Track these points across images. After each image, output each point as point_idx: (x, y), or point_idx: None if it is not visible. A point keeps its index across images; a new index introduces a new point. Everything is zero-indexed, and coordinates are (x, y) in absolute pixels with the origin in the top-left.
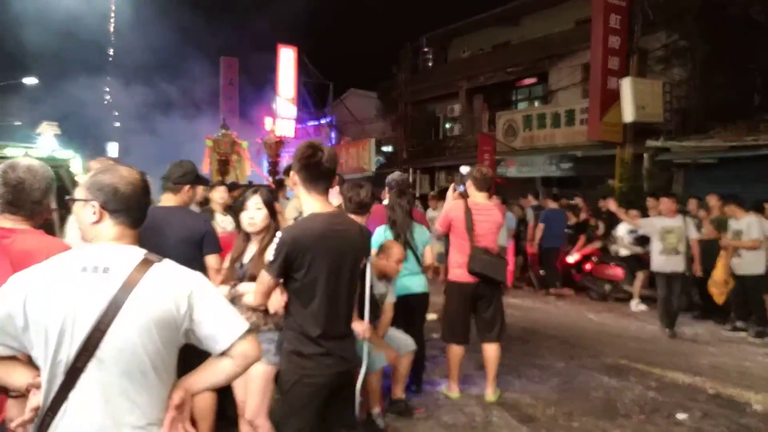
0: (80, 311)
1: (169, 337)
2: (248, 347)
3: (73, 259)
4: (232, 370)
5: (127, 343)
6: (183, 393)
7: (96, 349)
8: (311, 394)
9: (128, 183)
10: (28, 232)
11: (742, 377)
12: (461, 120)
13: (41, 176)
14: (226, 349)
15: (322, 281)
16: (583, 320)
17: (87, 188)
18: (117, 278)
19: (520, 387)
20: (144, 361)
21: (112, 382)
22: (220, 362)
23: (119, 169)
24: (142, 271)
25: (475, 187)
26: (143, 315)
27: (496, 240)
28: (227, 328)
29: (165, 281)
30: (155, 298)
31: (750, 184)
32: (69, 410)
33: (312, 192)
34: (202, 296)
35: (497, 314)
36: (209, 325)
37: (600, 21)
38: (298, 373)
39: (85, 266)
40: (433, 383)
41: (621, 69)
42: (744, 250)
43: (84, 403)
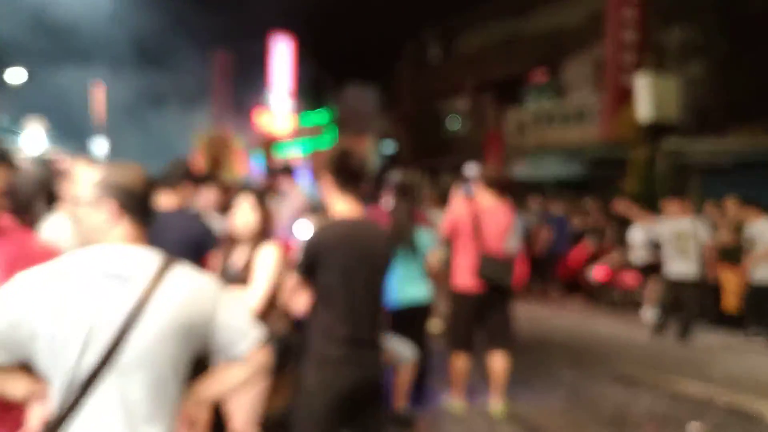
0: (103, 319)
1: (188, 343)
2: (263, 355)
3: (92, 264)
4: (245, 377)
5: (148, 351)
6: (196, 404)
7: (116, 358)
8: (332, 398)
9: (143, 182)
10: (21, 233)
11: (755, 387)
12: (467, 117)
13: (31, 176)
14: (244, 355)
15: (344, 284)
16: (593, 329)
17: (101, 187)
18: (139, 284)
19: (527, 397)
20: (165, 369)
21: (132, 391)
22: (233, 369)
23: (127, 167)
24: (163, 277)
25: (482, 188)
26: (165, 322)
27: (503, 244)
28: (247, 335)
29: (186, 286)
30: (178, 304)
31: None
32: (85, 419)
33: (344, 195)
34: (224, 300)
35: (505, 323)
36: (231, 330)
37: (615, 15)
38: (320, 376)
39: (107, 272)
40: (437, 394)
41: (636, 65)
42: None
43: (102, 411)
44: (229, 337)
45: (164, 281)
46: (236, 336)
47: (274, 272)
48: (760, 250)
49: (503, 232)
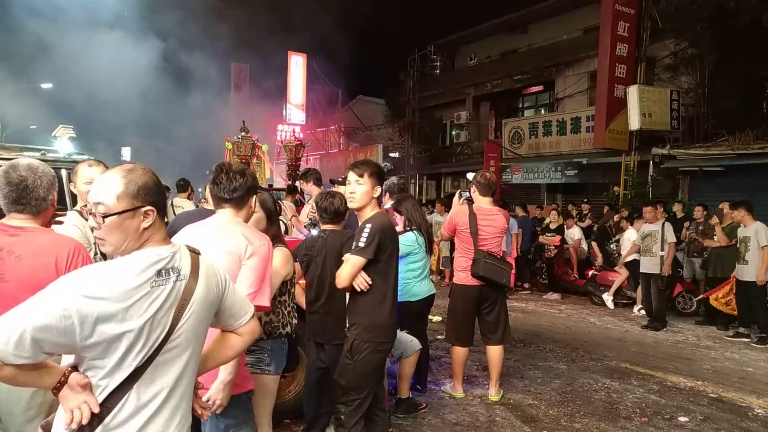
0: (158, 316)
1: (209, 319)
2: (255, 324)
3: (147, 264)
4: (240, 345)
5: (192, 333)
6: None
7: (163, 348)
8: (381, 359)
9: (159, 181)
10: (39, 231)
11: (743, 382)
12: (468, 127)
13: (42, 173)
14: (241, 325)
15: (394, 262)
16: (586, 324)
17: (133, 195)
18: (184, 278)
19: (523, 388)
20: (197, 348)
21: (176, 372)
22: (230, 339)
23: (138, 168)
24: (198, 267)
25: (479, 192)
26: (204, 304)
27: (500, 244)
28: (244, 308)
29: (210, 272)
30: (209, 286)
31: (756, 192)
32: (127, 407)
33: (379, 201)
34: (229, 279)
35: (501, 317)
36: (234, 304)
37: (608, 28)
38: (376, 341)
39: (160, 270)
40: (438, 383)
41: (628, 77)
42: (750, 257)
43: (147, 397)
44: (234, 312)
45: (199, 271)
46: (239, 310)
47: (279, 272)
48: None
49: (499, 233)
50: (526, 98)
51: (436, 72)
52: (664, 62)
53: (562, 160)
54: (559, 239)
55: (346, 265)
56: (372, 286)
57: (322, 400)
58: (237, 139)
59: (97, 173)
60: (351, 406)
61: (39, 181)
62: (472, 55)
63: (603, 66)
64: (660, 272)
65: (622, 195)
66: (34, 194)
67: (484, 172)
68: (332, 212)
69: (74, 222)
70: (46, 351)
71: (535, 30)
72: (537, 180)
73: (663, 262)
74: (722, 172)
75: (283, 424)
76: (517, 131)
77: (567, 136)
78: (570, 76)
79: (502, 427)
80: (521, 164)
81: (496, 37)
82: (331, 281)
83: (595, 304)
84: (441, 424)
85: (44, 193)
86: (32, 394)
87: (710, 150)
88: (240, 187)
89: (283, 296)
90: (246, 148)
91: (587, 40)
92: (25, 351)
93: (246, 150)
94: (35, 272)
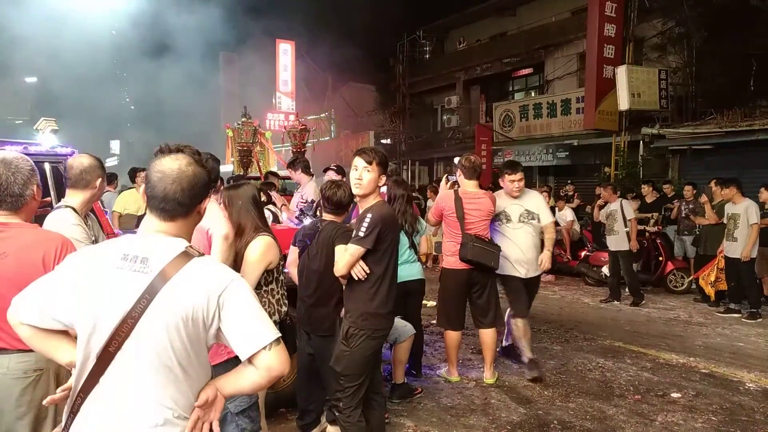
0: (115, 299)
1: (195, 335)
2: (272, 359)
3: (116, 247)
4: (256, 380)
5: (153, 336)
6: (211, 392)
7: (126, 339)
8: (377, 345)
9: (158, 171)
10: (25, 227)
11: (734, 357)
12: (459, 111)
13: (16, 168)
14: (249, 357)
15: (393, 252)
16: (579, 305)
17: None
18: (153, 269)
19: (518, 370)
20: (170, 355)
21: (140, 373)
22: (246, 370)
23: (166, 157)
24: (178, 265)
25: (464, 176)
26: (171, 310)
27: (487, 227)
28: (253, 336)
29: (198, 277)
30: (185, 293)
31: (745, 169)
32: (99, 395)
33: (377, 188)
34: (234, 297)
35: (491, 301)
36: (235, 329)
37: (596, 9)
38: (371, 328)
39: (126, 254)
40: (433, 367)
41: (617, 57)
42: (739, 234)
43: (113, 390)
44: (235, 336)
45: (180, 270)
46: (241, 335)
47: (257, 264)
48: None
49: (485, 217)
50: (516, 81)
51: (426, 57)
52: (652, 42)
53: (553, 143)
54: None
55: (344, 254)
56: (369, 275)
57: (313, 386)
58: (237, 125)
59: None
60: (347, 392)
61: (12, 177)
62: (462, 39)
63: (591, 47)
64: (627, 248)
65: (614, 175)
66: (8, 191)
67: (469, 155)
68: (335, 203)
69: (72, 221)
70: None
71: (524, 12)
72: (528, 163)
73: (629, 238)
74: (711, 150)
75: (279, 413)
76: (508, 114)
77: (557, 118)
78: (559, 58)
79: (498, 409)
80: (512, 147)
81: (485, 20)
82: (321, 273)
83: (588, 284)
84: (437, 408)
85: (19, 189)
86: (22, 391)
87: (699, 129)
88: None
89: (270, 284)
90: (247, 135)
91: (576, 21)
92: (34, 314)
93: (247, 137)
94: (22, 269)
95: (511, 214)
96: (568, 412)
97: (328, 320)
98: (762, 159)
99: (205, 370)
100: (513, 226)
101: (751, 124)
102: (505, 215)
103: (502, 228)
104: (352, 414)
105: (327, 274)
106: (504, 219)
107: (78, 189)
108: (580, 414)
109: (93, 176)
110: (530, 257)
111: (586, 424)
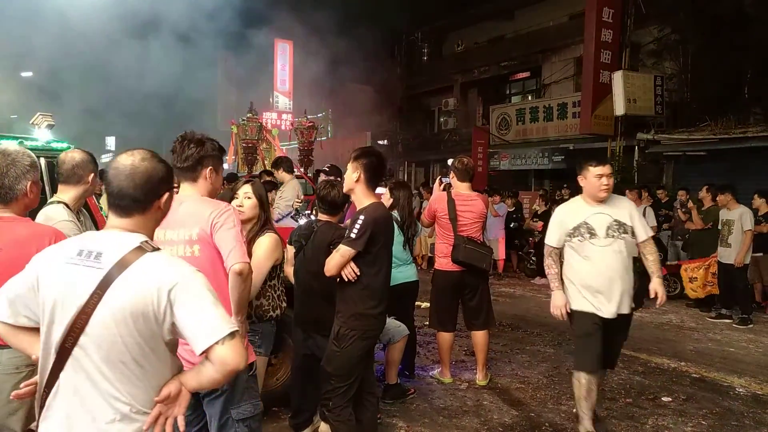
0: (69, 294)
1: (148, 330)
2: (227, 353)
3: (73, 242)
4: (212, 375)
5: (105, 331)
6: (174, 387)
7: (81, 333)
8: (368, 346)
9: (113, 167)
10: (17, 221)
11: (725, 362)
12: (456, 113)
13: (13, 161)
14: (203, 352)
15: (385, 253)
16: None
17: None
18: (106, 264)
19: (511, 372)
20: (122, 351)
21: (95, 368)
22: (204, 365)
23: (123, 154)
24: (131, 260)
25: (457, 178)
26: (121, 304)
27: (480, 229)
28: (205, 330)
29: (150, 272)
30: (135, 288)
31: (738, 176)
32: (60, 390)
33: (371, 188)
34: (186, 292)
35: (483, 302)
36: (188, 324)
37: (593, 15)
38: (362, 329)
39: (81, 249)
40: (426, 369)
41: (613, 63)
42: (733, 240)
43: (74, 384)
44: (188, 331)
45: (132, 264)
46: (194, 330)
47: (266, 260)
48: (744, 234)
49: (478, 218)
50: (514, 84)
51: (424, 59)
52: (648, 48)
53: (549, 146)
54: (541, 225)
55: (335, 254)
56: (360, 276)
57: (308, 386)
58: (242, 121)
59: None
60: (338, 392)
61: (6, 169)
62: (460, 41)
63: (588, 52)
64: None
65: None
66: (2, 182)
67: (462, 157)
68: (328, 202)
69: (63, 217)
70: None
71: (522, 16)
72: (524, 166)
73: None
74: (705, 157)
75: (271, 412)
76: (505, 117)
77: (554, 122)
78: (556, 62)
79: (490, 410)
80: (509, 150)
81: (483, 23)
82: (313, 274)
83: None
84: (429, 409)
85: (9, 182)
86: (14, 386)
87: (693, 135)
88: (191, 156)
89: (273, 280)
90: (252, 131)
91: (573, 26)
92: (6, 311)
93: (252, 133)
94: (15, 263)
95: (596, 226)
96: (559, 415)
97: (331, 321)
98: (755, 166)
99: (166, 365)
100: (599, 242)
101: (745, 131)
102: (587, 228)
103: (582, 246)
104: (342, 413)
105: (325, 277)
106: (586, 233)
107: (70, 184)
108: (572, 417)
109: (85, 171)
110: (620, 287)
111: (577, 427)
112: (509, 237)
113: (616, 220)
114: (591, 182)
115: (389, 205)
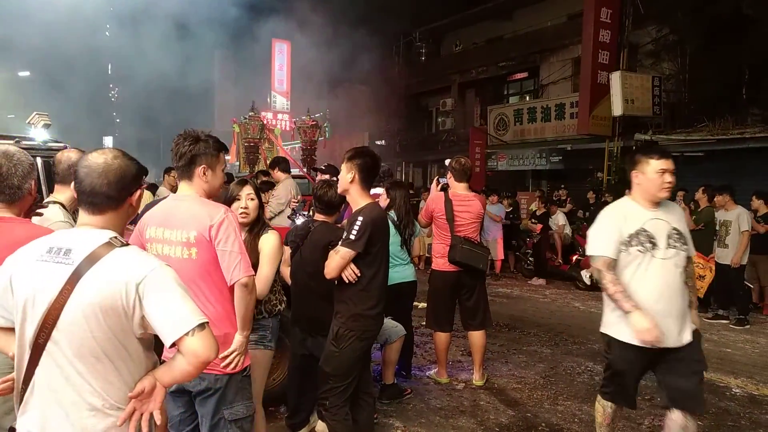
0: (39, 290)
1: (118, 324)
2: (197, 344)
3: (43, 241)
4: (184, 367)
5: (75, 326)
6: (149, 383)
7: (53, 328)
8: (366, 346)
9: (84, 166)
10: (17, 222)
11: (722, 363)
12: (453, 114)
13: (18, 161)
14: (173, 344)
15: (383, 254)
16: (570, 308)
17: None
18: (75, 260)
19: (507, 372)
20: (93, 346)
21: (69, 363)
22: (175, 359)
23: (93, 152)
24: (100, 255)
25: (454, 178)
26: (90, 299)
27: (477, 230)
28: (174, 323)
29: (119, 266)
30: (104, 283)
31: (736, 177)
32: (36, 386)
33: (366, 189)
34: (154, 285)
35: (480, 303)
36: (158, 316)
37: (591, 15)
38: (360, 329)
39: (51, 247)
40: (422, 369)
41: (611, 63)
42: (730, 240)
43: (48, 379)
44: (157, 324)
45: (101, 259)
46: (163, 323)
47: (276, 257)
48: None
49: (475, 219)
50: (511, 85)
51: (422, 59)
52: (646, 48)
53: (547, 147)
54: (540, 227)
55: (335, 256)
56: (360, 277)
57: (305, 386)
58: (244, 120)
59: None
60: (335, 391)
61: (13, 168)
62: (458, 41)
63: (586, 52)
64: None
65: (606, 181)
66: (7, 182)
67: (459, 158)
68: (324, 202)
69: (60, 218)
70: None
71: (520, 16)
72: (522, 166)
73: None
74: (703, 157)
75: (268, 412)
76: (503, 118)
77: (551, 123)
78: (554, 63)
79: (486, 411)
80: (506, 151)
81: (481, 23)
82: (310, 274)
83: (579, 288)
84: (426, 410)
85: (18, 181)
86: None
87: (691, 135)
88: (185, 155)
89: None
90: (254, 130)
91: (571, 26)
92: None
93: (254, 132)
94: None
95: (657, 234)
96: (556, 415)
97: (328, 320)
98: (753, 166)
99: (139, 361)
100: (659, 254)
101: (743, 132)
102: (647, 236)
103: (643, 258)
104: (338, 412)
105: (322, 277)
106: (647, 242)
107: (66, 184)
108: (568, 417)
109: None
110: (675, 308)
111: (573, 427)
112: (506, 237)
113: (675, 228)
114: (651, 179)
115: (386, 205)
